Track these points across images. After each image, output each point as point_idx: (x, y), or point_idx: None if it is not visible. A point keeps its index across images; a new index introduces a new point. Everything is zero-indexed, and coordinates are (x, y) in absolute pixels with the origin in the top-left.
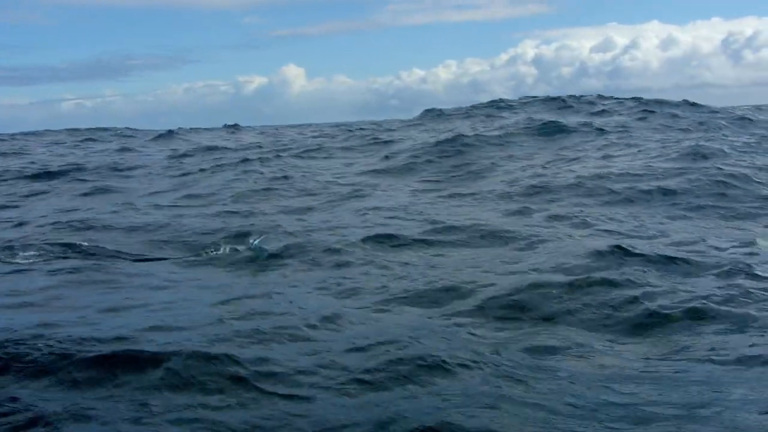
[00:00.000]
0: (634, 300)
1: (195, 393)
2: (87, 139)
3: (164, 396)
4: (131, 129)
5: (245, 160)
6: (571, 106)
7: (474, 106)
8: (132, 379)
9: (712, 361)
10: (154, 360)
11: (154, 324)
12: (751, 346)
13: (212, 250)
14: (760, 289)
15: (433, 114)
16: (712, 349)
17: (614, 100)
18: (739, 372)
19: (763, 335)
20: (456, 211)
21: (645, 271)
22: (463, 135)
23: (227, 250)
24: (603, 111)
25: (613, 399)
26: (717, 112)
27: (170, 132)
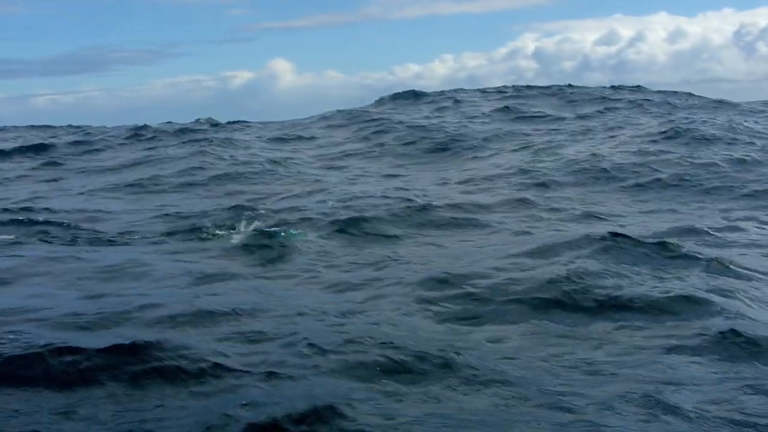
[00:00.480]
0: (613, 287)
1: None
2: (52, 137)
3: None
4: (107, 127)
5: (221, 145)
6: (559, 93)
7: (443, 92)
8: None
9: (670, 349)
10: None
11: (121, 310)
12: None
13: (186, 233)
14: (738, 278)
15: (405, 97)
16: (670, 336)
17: (607, 89)
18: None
19: (727, 319)
20: (441, 195)
21: (631, 257)
22: (443, 120)
23: (202, 233)
24: (595, 98)
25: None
26: (722, 101)
27: (145, 126)
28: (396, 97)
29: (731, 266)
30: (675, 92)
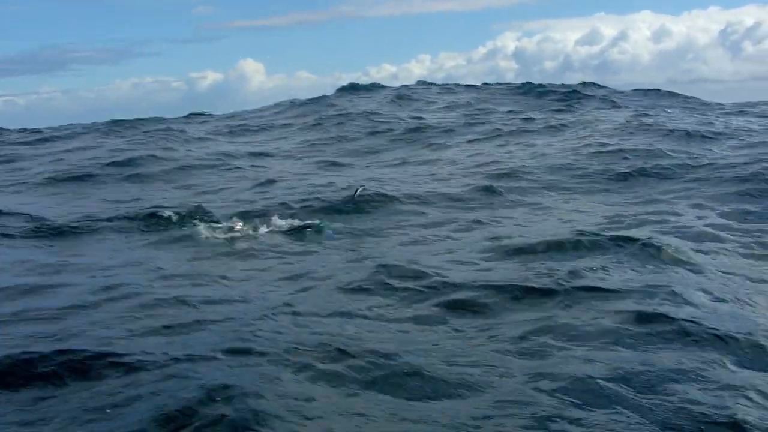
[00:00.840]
0: (576, 279)
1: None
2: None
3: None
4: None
5: (179, 137)
6: (525, 87)
7: (407, 85)
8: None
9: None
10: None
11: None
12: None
13: (140, 224)
14: (698, 271)
15: (367, 89)
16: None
17: (577, 85)
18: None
19: (683, 309)
20: (406, 185)
21: (599, 250)
22: (406, 112)
23: (157, 225)
24: (565, 93)
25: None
26: (697, 99)
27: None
28: (358, 88)
29: (692, 258)
30: (651, 90)
